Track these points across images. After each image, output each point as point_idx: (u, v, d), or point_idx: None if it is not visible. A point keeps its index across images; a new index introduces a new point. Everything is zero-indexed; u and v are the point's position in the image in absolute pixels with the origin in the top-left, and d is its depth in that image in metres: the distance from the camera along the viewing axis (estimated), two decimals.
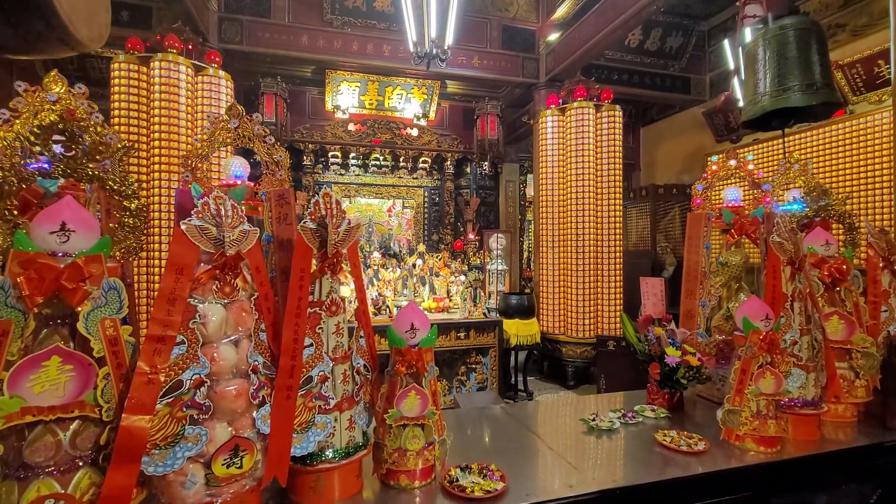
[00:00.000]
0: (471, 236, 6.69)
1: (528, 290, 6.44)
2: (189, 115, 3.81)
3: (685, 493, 1.37)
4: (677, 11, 6.35)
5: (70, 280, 0.90)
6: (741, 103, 3.45)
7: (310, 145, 6.55)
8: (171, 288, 1.01)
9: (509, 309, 4.62)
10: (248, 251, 1.14)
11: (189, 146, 2.33)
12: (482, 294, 4.48)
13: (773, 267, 1.68)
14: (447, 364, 4.30)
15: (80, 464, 0.94)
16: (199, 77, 3.97)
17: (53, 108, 0.98)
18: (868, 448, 1.63)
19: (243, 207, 1.43)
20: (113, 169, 1.05)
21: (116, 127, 3.62)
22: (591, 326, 4.91)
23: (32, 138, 0.96)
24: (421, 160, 7.12)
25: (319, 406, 1.18)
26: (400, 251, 6.52)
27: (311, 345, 1.19)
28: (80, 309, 0.93)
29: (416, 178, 7.31)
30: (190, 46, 3.96)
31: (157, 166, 3.64)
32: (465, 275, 4.77)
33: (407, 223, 7.36)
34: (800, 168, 2.21)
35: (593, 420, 1.72)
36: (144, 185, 3.61)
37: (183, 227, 1.03)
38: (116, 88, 3.64)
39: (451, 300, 4.63)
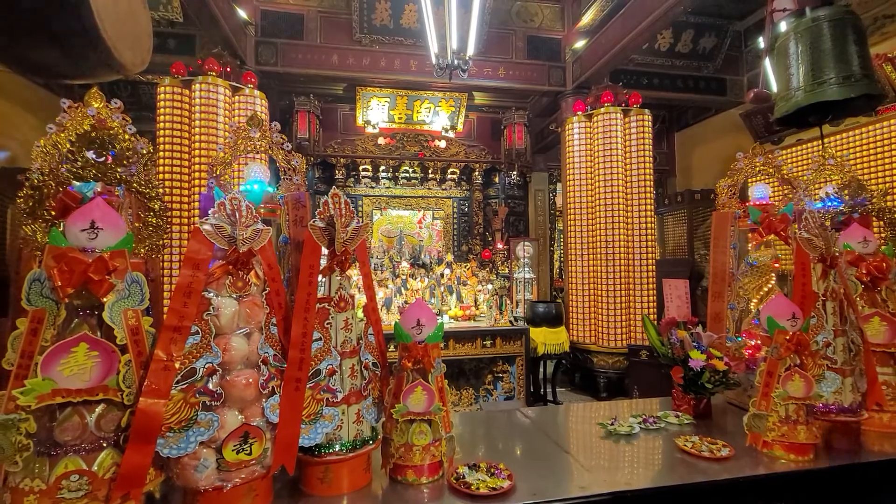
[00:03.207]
0: (499, 246, 6.67)
1: (559, 300, 6.33)
2: (227, 132, 4.04)
3: (705, 500, 1.31)
4: (709, 12, 6.17)
5: (96, 272, 0.98)
6: (774, 86, 3.26)
7: (342, 159, 6.77)
8: (188, 282, 1.08)
9: (536, 317, 4.55)
10: (261, 249, 1.20)
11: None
12: (508, 302, 4.44)
13: (802, 265, 1.60)
14: (474, 373, 4.28)
15: (104, 444, 1.01)
16: (237, 97, 4.22)
17: (89, 119, 1.09)
18: None
19: (261, 209, 1.51)
20: (139, 173, 1.15)
21: (162, 144, 3.89)
22: (623, 336, 4.76)
23: (69, 145, 1.07)
24: (449, 171, 7.19)
25: (327, 399, 1.22)
26: (430, 262, 6.57)
27: (320, 339, 1.23)
28: (105, 300, 1.01)
29: (445, 189, 7.38)
30: (228, 69, 4.22)
31: (197, 179, 3.88)
32: (492, 283, 4.76)
33: (437, 234, 7.42)
34: (836, 164, 2.10)
35: (612, 424, 1.67)
36: (186, 195, 3.85)
37: (199, 225, 1.11)
38: (162, 109, 3.93)
39: (477, 309, 4.62)
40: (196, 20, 4.42)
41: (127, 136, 1.15)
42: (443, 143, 7.02)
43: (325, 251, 1.29)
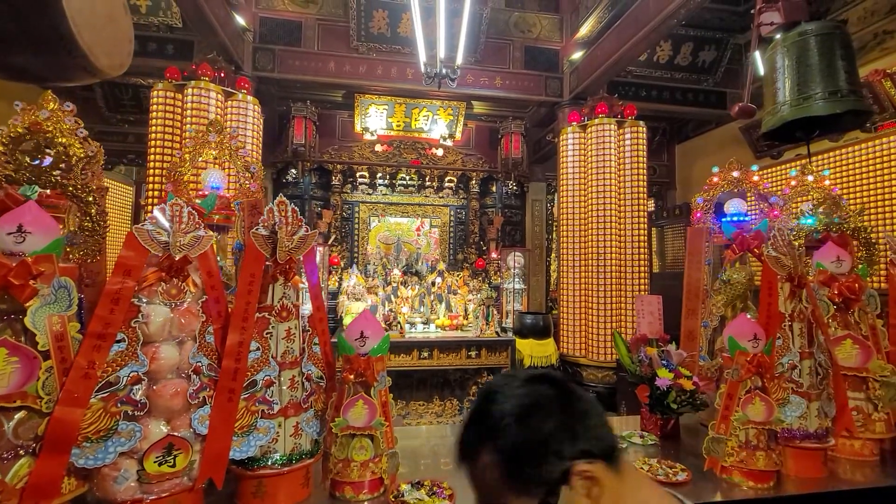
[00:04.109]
0: (494, 255, 6.63)
1: (554, 312, 6.25)
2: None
3: None
4: (710, 25, 6.15)
5: (17, 277, 0.96)
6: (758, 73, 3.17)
7: (338, 166, 6.78)
8: (117, 288, 1.06)
9: (524, 328, 4.50)
10: (201, 256, 1.18)
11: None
12: (494, 312, 4.39)
13: (769, 283, 1.55)
14: (458, 384, 4.22)
15: (22, 453, 0.99)
16: (229, 102, 4.24)
17: (23, 122, 1.09)
18: (889, 490, 1.43)
19: (215, 215, 1.50)
20: (75, 176, 1.14)
21: (153, 147, 3.92)
22: (613, 350, 4.68)
23: (1, 148, 1.06)
24: (447, 179, 7.18)
25: (263, 410, 1.19)
26: (426, 269, 6.54)
27: (258, 349, 1.20)
28: (28, 305, 0.99)
29: (442, 197, 7.37)
30: (222, 74, 4.25)
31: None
32: (481, 293, 4.72)
33: (435, 242, 7.40)
34: (815, 180, 2.05)
35: None
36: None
37: (133, 230, 1.09)
38: (155, 113, 3.96)
39: (466, 319, 4.57)
40: (193, 26, 4.47)
41: (66, 139, 1.14)
42: (440, 152, 7.02)
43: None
